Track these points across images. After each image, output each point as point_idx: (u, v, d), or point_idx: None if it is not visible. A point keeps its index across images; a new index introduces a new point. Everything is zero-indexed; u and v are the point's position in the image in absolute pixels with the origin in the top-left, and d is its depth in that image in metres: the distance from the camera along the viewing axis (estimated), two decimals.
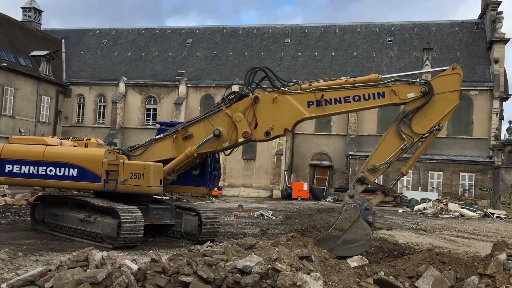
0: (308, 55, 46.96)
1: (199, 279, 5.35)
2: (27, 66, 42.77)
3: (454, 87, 10.81)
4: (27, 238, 12.03)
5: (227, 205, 27.22)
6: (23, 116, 41.85)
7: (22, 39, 44.96)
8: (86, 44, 52.91)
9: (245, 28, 51.67)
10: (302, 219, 20.76)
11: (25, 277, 5.67)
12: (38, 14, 54.94)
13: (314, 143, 43.46)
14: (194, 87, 46.06)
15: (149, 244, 11.59)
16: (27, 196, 20.61)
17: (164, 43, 51.47)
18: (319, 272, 6.11)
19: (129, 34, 53.54)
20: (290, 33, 49.46)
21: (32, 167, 11.88)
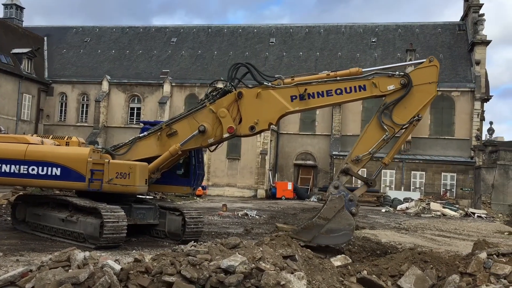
0: (293, 55, 47.11)
1: (183, 279, 5.32)
2: (8, 64, 42.11)
3: (432, 78, 10.98)
4: (8, 238, 11.85)
5: (211, 204, 27.17)
6: (4, 114, 41.22)
7: (3, 36, 44.25)
8: (69, 42, 52.29)
9: (230, 27, 51.61)
10: (286, 219, 20.82)
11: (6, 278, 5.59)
12: (19, 11, 54.12)
13: (298, 143, 43.61)
14: (179, 86, 45.85)
15: (132, 244, 11.52)
16: (7, 196, 20.27)
17: (149, 41, 51.12)
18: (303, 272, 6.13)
19: (112, 32, 53.06)
20: (275, 33, 49.55)
21: (13, 166, 11.61)
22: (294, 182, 41.65)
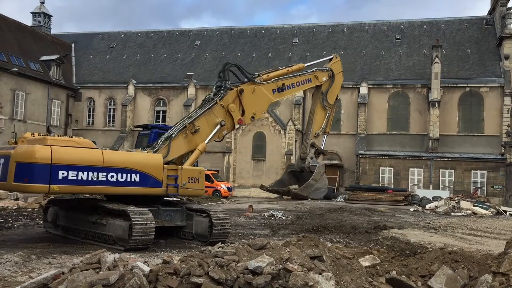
0: (316, 55, 46.80)
1: (211, 280, 5.35)
2: (38, 71, 43.17)
3: (340, 69, 18.50)
4: (40, 241, 12.12)
5: (238, 206, 27.22)
6: (34, 120, 42.23)
7: (32, 44, 45.38)
8: (96, 47, 53.28)
9: (253, 28, 51.71)
10: (313, 219, 20.70)
11: (39, 280, 5.72)
12: (47, 19, 55.46)
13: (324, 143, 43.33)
14: (203, 89, 46.15)
15: (160, 246, 11.63)
16: (39, 200, 20.78)
17: (173, 45, 51.67)
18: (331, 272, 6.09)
19: (137, 37, 53.83)
20: (298, 33, 49.41)
21: (91, 173, 10.89)
22: None
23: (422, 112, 41.38)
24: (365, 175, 40.02)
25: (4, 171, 10.41)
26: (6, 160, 10.43)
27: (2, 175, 10.45)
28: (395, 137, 41.76)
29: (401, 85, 42.03)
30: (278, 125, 40.20)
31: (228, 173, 40.26)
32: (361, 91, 42.41)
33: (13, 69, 38.77)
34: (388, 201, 34.70)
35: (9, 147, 11.02)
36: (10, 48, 41.41)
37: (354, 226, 17.32)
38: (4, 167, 10.46)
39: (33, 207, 19.96)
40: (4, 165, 10.45)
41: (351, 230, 15.95)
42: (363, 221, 20.48)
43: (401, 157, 39.59)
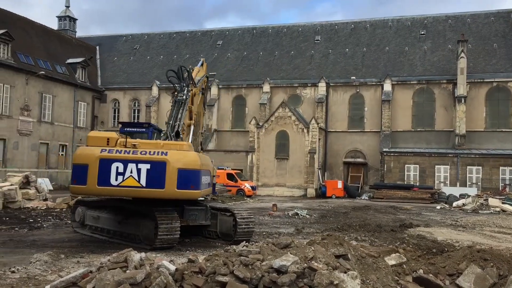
0: (339, 52, 46.54)
1: (236, 278, 5.37)
2: (64, 74, 44.00)
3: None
4: (69, 240, 12.38)
5: (262, 204, 27.26)
6: (62, 122, 43.06)
7: (58, 47, 46.30)
8: (120, 49, 54.02)
9: (275, 27, 51.63)
10: (337, 218, 20.58)
11: (68, 279, 5.84)
12: (72, 22, 56.48)
13: (347, 141, 43.02)
14: (226, 88, 46.34)
15: (185, 245, 11.73)
16: (67, 200, 21.20)
17: (195, 45, 52.01)
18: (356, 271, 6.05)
19: (160, 39, 54.36)
20: (320, 31, 49.13)
21: (208, 177, 11.97)
22: (344, 180, 41.12)
23: (448, 108, 40.65)
24: (390, 172, 39.55)
25: (158, 178, 10.27)
26: (160, 167, 10.28)
27: (155, 182, 10.28)
28: (420, 134, 41.13)
29: (426, 81, 41.37)
30: (301, 123, 40.07)
31: (251, 172, 40.32)
32: (385, 88, 41.92)
33: (41, 72, 39.62)
34: (414, 199, 34.23)
35: (153, 152, 10.66)
36: (37, 52, 42.32)
37: (379, 224, 17.16)
38: (157, 174, 10.29)
39: (61, 208, 20.37)
40: (157, 172, 10.28)
41: (376, 229, 15.80)
42: (389, 219, 20.26)
43: (426, 154, 38.99)
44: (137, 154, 10.46)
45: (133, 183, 10.26)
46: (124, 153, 10.41)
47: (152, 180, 10.29)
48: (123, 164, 10.25)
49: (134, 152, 10.49)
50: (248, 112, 45.16)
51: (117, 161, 10.24)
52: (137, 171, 10.27)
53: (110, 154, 10.36)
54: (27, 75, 38.86)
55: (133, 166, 10.28)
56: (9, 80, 37.30)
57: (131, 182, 10.26)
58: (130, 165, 10.26)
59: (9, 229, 14.42)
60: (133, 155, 10.42)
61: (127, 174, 10.24)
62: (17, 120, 38.07)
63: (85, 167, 10.23)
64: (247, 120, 44.22)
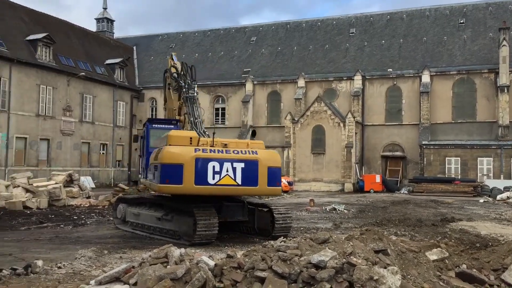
0: (374, 44, 45.77)
1: (274, 274, 5.39)
2: (103, 74, 45.13)
3: None
4: (111, 237, 12.72)
5: (299, 200, 27.21)
6: (102, 122, 44.19)
7: (97, 49, 47.50)
8: (156, 49, 54.90)
9: (309, 21, 51.24)
10: (376, 212, 20.31)
11: (111, 274, 6.01)
12: (110, 24, 57.83)
13: (385, 134, 42.32)
14: (260, 84, 46.38)
15: (224, 241, 11.85)
16: (109, 198, 21.77)
17: (229, 42, 52.26)
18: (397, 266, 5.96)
19: (195, 37, 54.91)
20: (355, 23, 48.43)
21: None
22: (382, 174, 40.50)
23: (490, 98, 39.33)
24: (429, 166, 38.68)
25: (252, 176, 10.72)
26: (253, 166, 10.74)
27: (250, 180, 10.75)
28: (461, 125, 39.98)
29: (466, 71, 40.15)
30: (337, 117, 39.69)
31: (288, 167, 40.26)
32: (423, 79, 40.95)
33: (81, 73, 40.78)
34: (456, 193, 33.39)
35: (244, 151, 11.04)
36: (77, 53, 43.55)
37: (419, 218, 16.83)
38: (250, 172, 10.72)
39: (103, 205, 20.94)
40: (251, 170, 10.72)
41: (417, 223, 15.51)
42: (429, 213, 19.84)
43: (468, 146, 37.89)
44: (230, 153, 10.82)
45: (230, 182, 10.65)
46: (218, 152, 10.69)
47: (246, 179, 10.72)
48: (219, 163, 10.55)
49: (227, 151, 10.83)
50: (283, 108, 45.08)
51: (213, 160, 10.52)
52: (232, 170, 10.62)
53: (205, 153, 10.57)
54: (68, 76, 40.08)
55: (228, 165, 10.62)
56: (51, 82, 38.57)
57: (228, 181, 10.63)
58: (226, 164, 10.59)
59: (55, 226, 14.95)
60: (227, 154, 10.76)
61: (223, 173, 10.57)
62: (60, 121, 39.35)
63: (179, 166, 10.32)
64: (282, 116, 44.16)
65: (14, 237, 12.57)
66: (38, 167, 36.74)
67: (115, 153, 45.30)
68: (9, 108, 34.89)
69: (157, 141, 13.60)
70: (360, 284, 5.03)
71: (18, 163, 35.62)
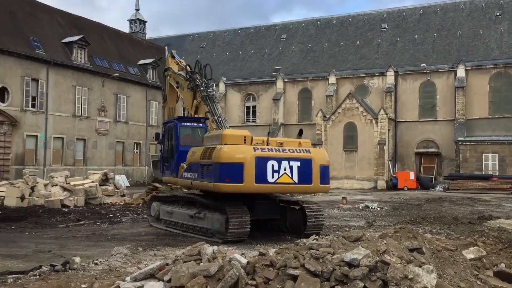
0: (407, 39, 44.95)
1: (307, 272, 5.38)
2: (136, 74, 45.91)
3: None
4: (145, 234, 12.94)
5: (331, 197, 27.00)
6: (135, 121, 44.96)
7: (130, 50, 48.35)
8: (187, 48, 55.48)
9: (340, 17, 50.76)
10: (410, 210, 19.97)
11: (146, 271, 6.12)
12: (142, 25, 58.81)
13: (418, 130, 41.53)
14: (291, 82, 46.25)
15: (256, 238, 11.88)
16: (143, 196, 22.14)
17: (259, 40, 52.31)
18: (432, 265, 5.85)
19: (225, 36, 55.20)
20: (387, 18, 47.68)
21: None
22: (416, 171, 39.77)
23: None
24: (465, 162, 37.73)
25: (306, 174, 10.98)
26: (307, 164, 11.00)
27: (305, 178, 10.99)
28: (498, 121, 38.82)
29: (504, 64, 38.93)
30: (369, 114, 39.19)
31: None
32: (458, 74, 39.95)
33: (115, 74, 41.59)
34: (493, 190, 32.49)
35: (297, 150, 11.18)
36: (111, 55, 44.44)
37: (455, 216, 16.46)
38: (305, 171, 10.97)
39: (138, 203, 21.31)
40: (305, 169, 10.97)
41: (453, 221, 15.17)
42: (466, 211, 19.38)
43: (506, 142, 36.77)
44: (287, 152, 10.98)
45: (287, 180, 10.82)
46: (275, 151, 10.86)
47: (302, 177, 10.91)
48: (277, 162, 10.72)
49: (283, 150, 11.00)
50: (314, 105, 44.82)
51: (272, 159, 10.67)
52: (289, 168, 10.79)
53: (264, 152, 10.72)
54: (103, 77, 40.95)
55: (286, 163, 10.78)
56: (86, 83, 39.51)
57: (286, 179, 10.79)
58: (284, 163, 10.76)
59: (92, 223, 15.32)
60: (284, 153, 10.92)
61: (281, 171, 10.73)
62: (95, 121, 40.27)
63: (239, 165, 10.45)
64: (313, 113, 43.92)
65: (53, 234, 12.96)
66: (74, 166, 37.72)
67: (148, 152, 46.03)
68: (46, 109, 35.93)
69: (186, 139, 13.74)
70: (394, 283, 4.97)
71: (56, 162, 36.66)
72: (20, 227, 14.24)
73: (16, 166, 33.35)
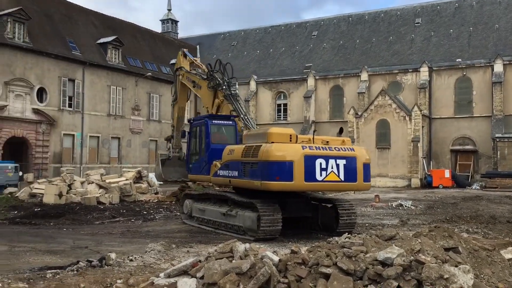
0: (442, 34, 43.92)
1: (340, 270, 5.34)
2: (169, 74, 46.47)
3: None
4: (178, 231, 13.12)
5: (363, 195, 26.68)
6: (168, 120, 45.44)
7: (162, 49, 49.04)
8: (218, 47, 55.82)
9: (371, 13, 50.03)
10: (446, 208, 19.55)
11: (179, 267, 6.20)
12: (174, 24, 59.50)
13: (454, 127, 40.55)
14: (322, 79, 45.92)
15: (288, 236, 11.87)
16: (176, 193, 22.43)
17: (290, 38, 52.11)
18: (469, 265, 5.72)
19: (256, 34, 55.23)
20: (421, 13, 46.71)
21: None
22: (451, 169, 38.87)
23: None
24: (504, 160, 36.62)
25: (352, 173, 11.11)
26: (352, 162, 11.12)
27: (350, 176, 11.12)
28: None
29: None
30: (402, 111, 38.51)
31: None
32: (495, 68, 38.78)
33: (148, 74, 42.27)
34: None
35: (340, 148, 11.24)
36: (144, 55, 45.18)
37: (493, 215, 16.01)
38: (350, 169, 11.09)
39: (171, 200, 21.61)
40: (351, 167, 11.10)
41: (490, 220, 14.76)
42: (504, 210, 18.83)
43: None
44: (333, 150, 11.07)
45: (334, 178, 10.91)
46: (322, 149, 10.95)
47: (348, 175, 11.03)
48: (325, 160, 10.80)
49: (330, 148, 11.08)
50: (346, 102, 44.38)
51: (320, 158, 10.76)
52: (336, 167, 10.89)
53: (312, 150, 10.78)
54: (136, 77, 41.69)
55: (333, 161, 10.88)
56: (121, 83, 40.30)
57: (333, 177, 10.89)
58: (331, 161, 10.85)
59: (126, 220, 15.64)
60: (330, 151, 11.01)
61: (329, 169, 10.82)
62: (129, 120, 41.05)
63: (289, 164, 10.48)
64: (345, 110, 43.50)
65: (89, 230, 13.30)
66: (109, 164, 38.55)
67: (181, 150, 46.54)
68: (82, 109, 36.84)
69: (216, 137, 13.82)
70: (429, 283, 4.88)
71: (92, 160, 37.56)
72: (58, 224, 14.67)
73: (54, 164, 34.36)
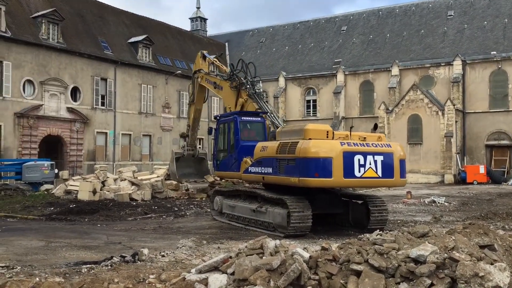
0: (475, 26, 42.77)
1: (371, 267, 5.29)
2: None
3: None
4: (209, 228, 13.24)
5: (395, 192, 26.30)
6: None
7: (191, 47, 49.43)
8: (247, 44, 55.90)
9: (402, 7, 49.13)
10: (481, 205, 19.09)
11: (210, 263, 6.26)
12: (203, 22, 59.91)
13: (489, 122, 39.49)
14: (352, 74, 45.43)
15: (318, 233, 11.82)
16: (206, 190, 22.62)
17: (319, 33, 51.72)
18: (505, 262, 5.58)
19: (285, 30, 55.04)
20: (453, 5, 45.59)
21: None
22: (486, 165, 37.88)
23: None
24: None
25: (389, 169, 11.16)
26: (389, 158, 11.16)
27: (388, 172, 11.16)
28: None
29: None
30: (434, 105, 37.74)
31: None
32: None
33: (178, 72, 42.70)
34: None
35: (379, 145, 11.29)
36: (174, 53, 45.67)
37: None
38: (388, 165, 11.14)
39: (201, 197, 21.81)
40: (388, 163, 11.14)
41: None
42: None
43: None
44: (370, 146, 11.07)
45: (372, 174, 10.92)
46: (360, 145, 10.97)
47: (385, 171, 11.03)
48: (363, 156, 10.81)
49: (367, 144, 11.10)
50: (377, 97, 43.78)
51: (358, 154, 10.78)
52: (374, 163, 10.90)
53: (350, 147, 10.79)
54: (166, 75, 42.20)
55: (370, 158, 10.89)
56: (151, 81, 40.88)
57: (371, 174, 10.90)
58: (369, 157, 10.86)
59: (158, 217, 15.88)
60: (368, 147, 11.01)
61: (367, 166, 10.83)
62: (160, 117, 41.62)
63: (327, 160, 10.50)
64: (375, 106, 42.93)
65: (122, 226, 13.56)
66: (141, 161, 39.19)
67: (210, 147, 46.92)
68: (115, 107, 37.55)
69: (245, 134, 13.87)
70: (464, 281, 4.79)
71: (124, 157, 38.26)
72: (92, 220, 15.02)
73: (87, 162, 35.16)
